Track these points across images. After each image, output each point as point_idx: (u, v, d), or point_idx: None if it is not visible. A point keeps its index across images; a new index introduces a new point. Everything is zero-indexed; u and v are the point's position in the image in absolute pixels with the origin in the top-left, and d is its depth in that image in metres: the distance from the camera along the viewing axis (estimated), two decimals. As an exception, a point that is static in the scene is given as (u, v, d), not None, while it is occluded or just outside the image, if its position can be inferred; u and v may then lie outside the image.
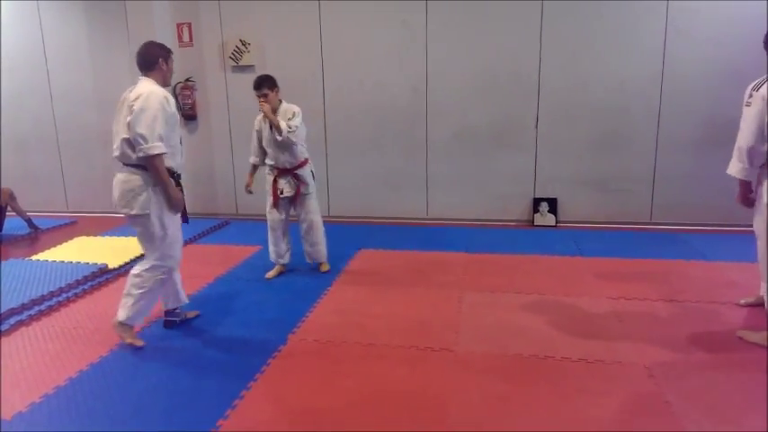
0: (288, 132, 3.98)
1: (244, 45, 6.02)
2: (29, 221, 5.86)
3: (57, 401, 2.66)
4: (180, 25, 6.13)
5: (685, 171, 5.40)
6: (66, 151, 6.79)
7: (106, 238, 5.50)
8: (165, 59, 3.17)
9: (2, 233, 5.57)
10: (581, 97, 5.50)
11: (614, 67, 5.38)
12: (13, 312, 3.62)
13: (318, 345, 3.20)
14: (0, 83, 6.68)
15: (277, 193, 4.20)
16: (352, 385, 2.75)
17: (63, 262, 4.58)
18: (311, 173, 4.32)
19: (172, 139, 3.08)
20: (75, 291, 4.05)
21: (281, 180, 4.20)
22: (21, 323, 3.56)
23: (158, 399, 2.67)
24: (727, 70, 5.05)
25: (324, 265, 4.45)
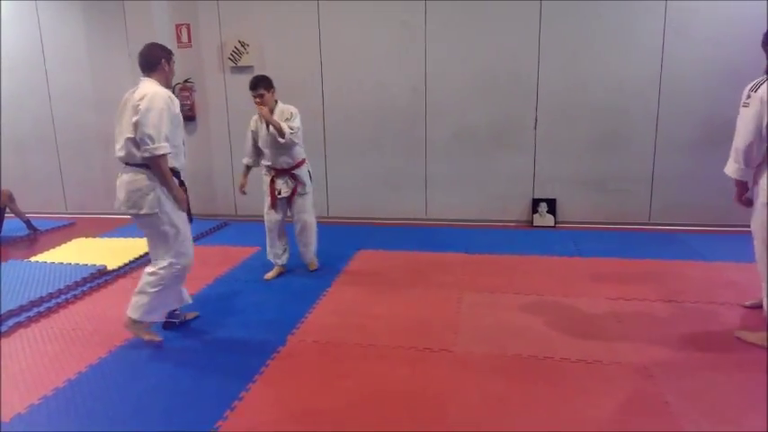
0: (290, 134, 4.00)
1: (243, 46, 6.02)
2: (28, 223, 5.85)
3: (55, 403, 2.66)
4: (179, 26, 6.13)
5: (684, 171, 5.41)
6: (65, 152, 6.78)
7: (105, 239, 5.48)
8: (167, 60, 3.20)
9: (1, 235, 5.56)
10: (580, 98, 5.50)
11: (613, 67, 5.39)
12: (11, 314, 3.62)
13: (318, 345, 3.20)
14: (0, 83, 6.68)
15: (275, 193, 4.20)
16: (351, 386, 2.76)
17: (62, 263, 4.57)
18: (308, 173, 4.33)
19: (176, 140, 3.10)
20: (74, 292, 4.05)
21: (278, 180, 4.20)
22: (19, 325, 3.55)
23: (157, 400, 2.67)
24: (726, 70, 5.06)
25: (312, 264, 4.49)
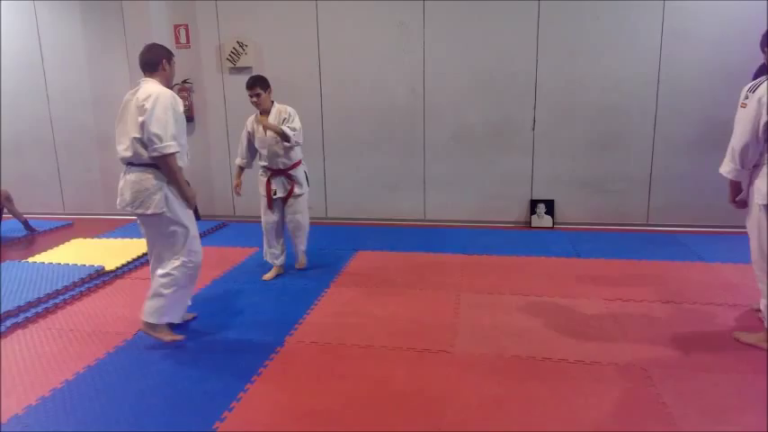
0: (294, 135, 4.04)
1: (241, 47, 6.02)
2: (25, 223, 5.84)
3: (53, 404, 2.65)
4: (177, 27, 6.12)
5: (682, 172, 5.43)
6: (63, 153, 6.77)
7: (103, 240, 5.48)
8: (168, 61, 3.20)
9: (-1, 235, 5.56)
10: (578, 98, 5.51)
11: (611, 68, 5.40)
12: (9, 315, 3.61)
13: (316, 346, 3.20)
14: (0, 83, 6.67)
15: (271, 194, 4.20)
16: (349, 387, 2.75)
17: (60, 264, 4.56)
18: (305, 174, 4.33)
19: (180, 139, 3.11)
20: (72, 293, 4.04)
21: (274, 181, 4.20)
22: (17, 325, 3.54)
23: (155, 401, 2.66)
24: (724, 71, 5.08)
25: (301, 263, 4.54)
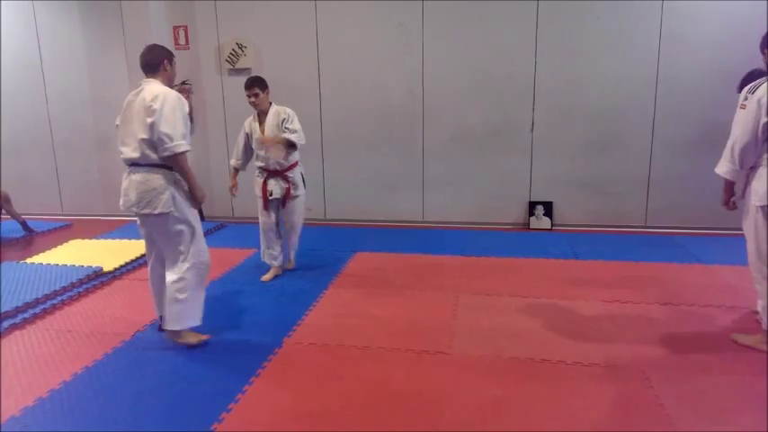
0: (299, 139, 4.10)
1: (240, 48, 6.02)
2: (23, 224, 5.84)
3: (51, 405, 2.65)
4: (176, 28, 6.12)
5: (680, 174, 5.43)
6: (62, 153, 6.76)
7: (101, 240, 5.47)
8: (170, 61, 3.21)
9: (-3, 236, 5.55)
10: (576, 99, 5.52)
11: (609, 69, 5.41)
12: (7, 316, 3.60)
13: (314, 347, 3.20)
14: (0, 84, 6.67)
15: (267, 195, 4.20)
16: (347, 388, 2.75)
17: (58, 265, 4.56)
18: (301, 175, 4.34)
19: (187, 138, 3.12)
20: (70, 294, 4.03)
21: (270, 181, 4.20)
22: (15, 326, 3.54)
23: (153, 402, 2.66)
24: (722, 73, 5.08)
25: (291, 263, 4.57)
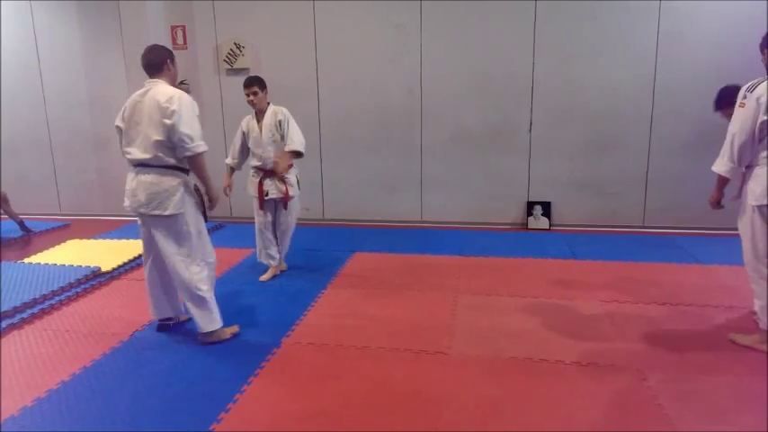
0: (303, 147, 4.15)
1: (238, 48, 6.02)
2: (21, 224, 5.83)
3: (49, 405, 2.64)
4: (174, 28, 6.12)
5: (678, 174, 5.44)
6: (59, 154, 6.75)
7: (99, 240, 5.46)
8: (172, 61, 3.23)
9: (-4, 236, 5.54)
10: (574, 100, 5.53)
11: (607, 69, 5.42)
12: (5, 315, 3.59)
13: (313, 347, 3.20)
14: (0, 84, 6.65)
15: (263, 195, 4.20)
16: (346, 388, 2.75)
17: (56, 265, 4.55)
18: (296, 177, 4.34)
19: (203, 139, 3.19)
20: (68, 294, 4.03)
21: (266, 181, 4.21)
22: (13, 326, 3.53)
23: (150, 402, 2.66)
24: (720, 73, 5.06)
25: (283, 265, 4.56)
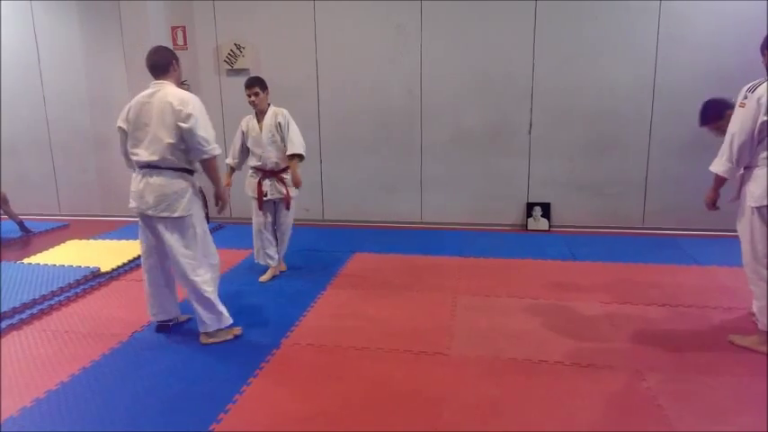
0: (304, 149, 4.17)
1: (238, 49, 6.02)
2: (21, 224, 5.82)
3: (48, 405, 2.64)
4: (174, 28, 6.12)
5: (677, 175, 5.44)
6: (59, 154, 6.75)
7: (98, 241, 5.46)
8: (177, 62, 3.24)
9: (-4, 236, 5.53)
10: (574, 101, 5.53)
11: (607, 70, 5.42)
12: (4, 316, 3.59)
13: (312, 348, 3.20)
14: (0, 84, 6.65)
15: (262, 195, 4.20)
16: (345, 389, 2.75)
17: (55, 265, 4.55)
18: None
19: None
20: (68, 294, 4.02)
21: (265, 182, 4.21)
22: (12, 327, 3.53)
23: (150, 403, 2.66)
24: (719, 75, 5.10)
25: (282, 266, 4.55)
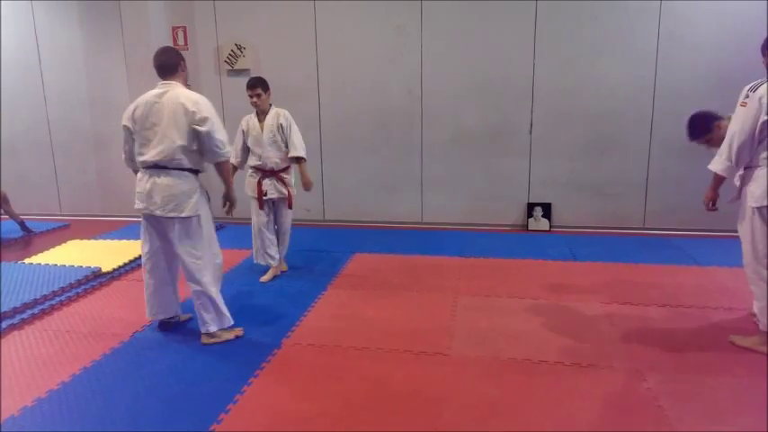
0: (304, 150, 4.21)
1: (239, 49, 6.03)
2: (22, 224, 5.83)
3: (49, 405, 2.65)
4: (175, 29, 6.13)
5: (678, 176, 5.44)
6: (60, 154, 6.76)
7: (99, 241, 5.47)
8: (185, 62, 3.28)
9: (-3, 236, 5.54)
10: (574, 101, 5.53)
11: (607, 71, 5.42)
12: (5, 316, 3.60)
13: (313, 348, 3.20)
14: (0, 83, 6.66)
15: (262, 195, 4.20)
16: (346, 389, 2.76)
17: (56, 265, 4.55)
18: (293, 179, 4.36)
19: None
20: (69, 294, 4.03)
21: (265, 181, 4.21)
22: (13, 327, 3.54)
23: (151, 403, 2.66)
24: (720, 75, 5.10)
25: (283, 266, 4.55)
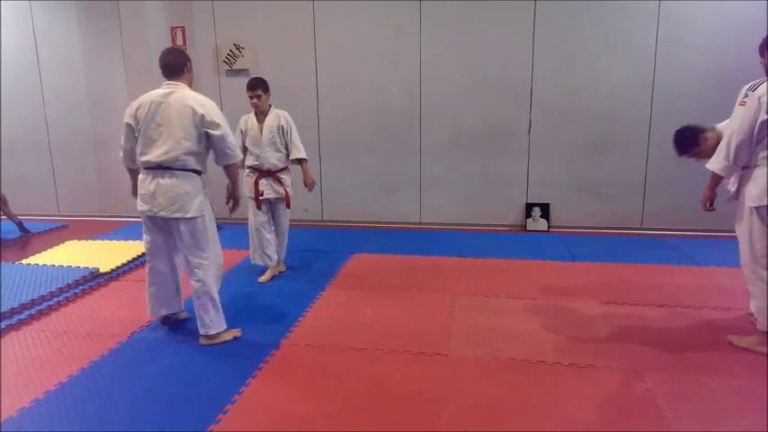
0: (304, 152, 4.25)
1: (238, 49, 6.02)
2: (19, 225, 5.82)
3: (47, 406, 2.64)
4: (174, 29, 6.12)
5: (676, 176, 5.44)
6: (58, 154, 6.75)
7: (97, 241, 5.46)
8: (191, 64, 3.29)
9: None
10: (573, 102, 5.54)
11: (606, 71, 5.43)
12: (3, 316, 3.59)
13: (311, 349, 3.20)
14: (0, 83, 6.65)
15: (259, 195, 4.21)
16: (344, 389, 2.75)
17: (54, 266, 4.54)
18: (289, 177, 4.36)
19: None
20: (66, 294, 4.02)
21: (262, 181, 4.21)
22: (11, 327, 3.53)
23: (148, 403, 2.65)
24: (718, 76, 5.11)
25: (282, 267, 4.55)
